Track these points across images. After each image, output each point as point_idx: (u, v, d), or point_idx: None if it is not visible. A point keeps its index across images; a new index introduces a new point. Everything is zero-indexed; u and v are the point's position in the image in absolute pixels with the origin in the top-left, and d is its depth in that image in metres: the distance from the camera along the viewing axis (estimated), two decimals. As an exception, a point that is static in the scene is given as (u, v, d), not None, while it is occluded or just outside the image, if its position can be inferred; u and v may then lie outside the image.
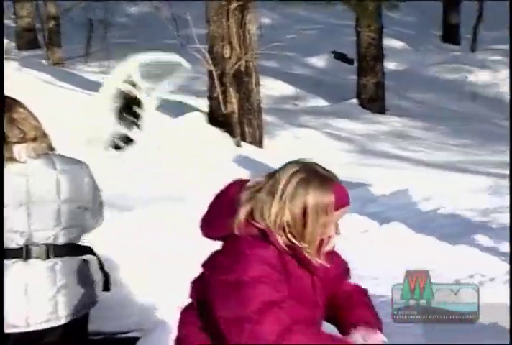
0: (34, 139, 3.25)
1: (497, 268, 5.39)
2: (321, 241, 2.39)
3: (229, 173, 7.83)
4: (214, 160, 8.63)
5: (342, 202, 2.35)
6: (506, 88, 14.65)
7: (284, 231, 2.34)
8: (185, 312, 2.53)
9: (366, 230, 6.67)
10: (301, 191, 2.32)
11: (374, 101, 12.67)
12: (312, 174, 2.34)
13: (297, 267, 2.40)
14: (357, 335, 2.40)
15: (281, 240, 2.34)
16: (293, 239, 2.35)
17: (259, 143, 9.66)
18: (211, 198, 2.72)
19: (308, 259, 2.38)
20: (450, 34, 16.96)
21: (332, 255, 2.50)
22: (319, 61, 15.70)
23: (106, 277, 3.50)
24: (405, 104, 13.45)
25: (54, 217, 3.27)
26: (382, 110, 12.51)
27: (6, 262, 3.23)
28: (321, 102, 13.12)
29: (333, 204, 2.33)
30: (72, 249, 3.39)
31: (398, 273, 5.91)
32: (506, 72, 15.17)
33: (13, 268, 3.23)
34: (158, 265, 5.16)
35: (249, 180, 2.45)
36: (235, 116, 9.34)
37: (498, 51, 16.11)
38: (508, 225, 6.80)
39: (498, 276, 5.25)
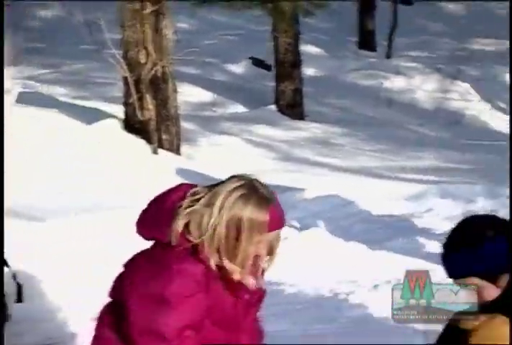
0: None
1: (417, 273, 5.47)
2: (254, 262, 2.46)
3: (145, 181, 8.10)
4: (130, 168, 8.62)
5: (277, 223, 2.43)
6: (420, 94, 15.20)
7: (218, 251, 2.37)
8: (103, 311, 2.55)
9: (286, 237, 6.58)
10: (239, 206, 2.38)
11: (292, 107, 12.74)
12: (252, 191, 2.41)
13: (221, 287, 2.43)
14: None
15: (213, 259, 2.38)
16: (224, 258, 2.39)
17: (176, 150, 9.59)
18: (128, 206, 2.75)
19: (234, 282, 2.43)
20: (366, 41, 17.42)
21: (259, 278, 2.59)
22: (238, 67, 15.84)
23: (19, 288, 3.47)
24: (324, 110, 13.64)
25: None
26: (301, 116, 12.64)
27: None
28: (239, 108, 13.20)
29: (267, 224, 2.39)
30: None
31: (317, 279, 5.94)
32: (420, 78, 15.70)
33: None
34: (75, 276, 5.11)
35: (196, 186, 2.49)
36: (152, 122, 9.22)
37: (412, 57, 16.67)
38: (427, 229, 7.12)
39: (417, 281, 5.33)
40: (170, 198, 2.48)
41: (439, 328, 2.69)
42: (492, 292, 2.64)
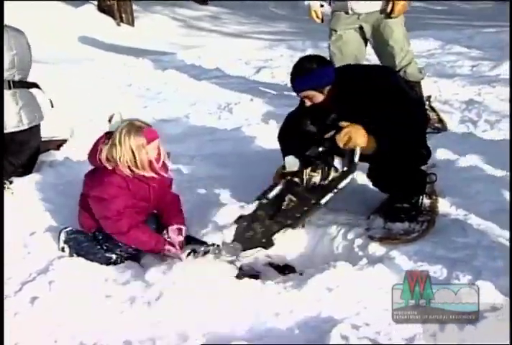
0: None
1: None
2: (151, 162, 3.04)
3: (111, 41, 9.48)
4: (104, 33, 9.88)
5: (150, 138, 2.98)
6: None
7: (129, 166, 3.01)
8: (80, 199, 3.23)
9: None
10: (126, 138, 2.96)
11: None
12: (131, 126, 2.97)
13: (138, 182, 3.08)
14: (170, 229, 3.18)
15: (125, 171, 3.01)
16: (134, 169, 3.02)
17: (132, 23, 11.30)
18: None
19: (144, 176, 3.03)
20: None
21: (166, 168, 3.17)
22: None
23: (50, 100, 4.00)
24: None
25: (12, 63, 3.78)
26: (205, 2, 14.53)
27: None
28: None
29: (145, 142, 2.96)
30: (24, 83, 3.87)
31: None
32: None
33: None
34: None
35: (110, 133, 2.98)
36: (114, 6, 10.96)
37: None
38: (277, 65, 7.47)
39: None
40: (99, 141, 3.05)
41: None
42: (320, 98, 3.13)
